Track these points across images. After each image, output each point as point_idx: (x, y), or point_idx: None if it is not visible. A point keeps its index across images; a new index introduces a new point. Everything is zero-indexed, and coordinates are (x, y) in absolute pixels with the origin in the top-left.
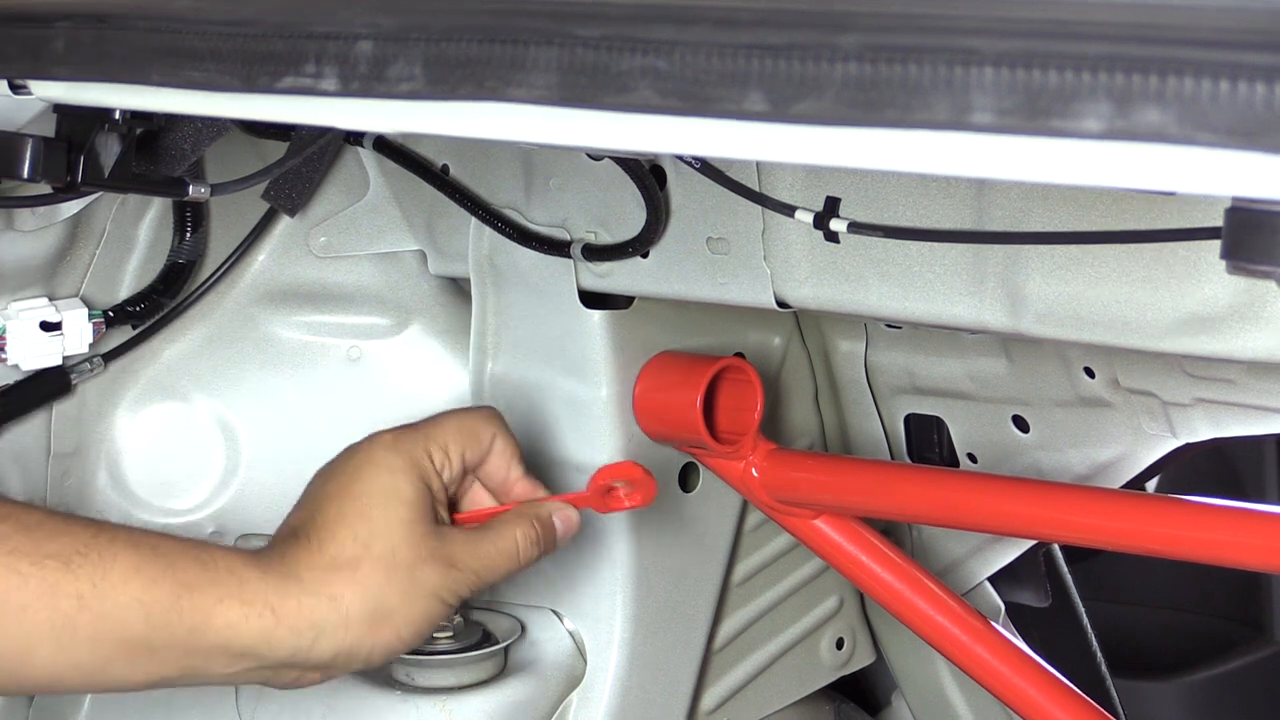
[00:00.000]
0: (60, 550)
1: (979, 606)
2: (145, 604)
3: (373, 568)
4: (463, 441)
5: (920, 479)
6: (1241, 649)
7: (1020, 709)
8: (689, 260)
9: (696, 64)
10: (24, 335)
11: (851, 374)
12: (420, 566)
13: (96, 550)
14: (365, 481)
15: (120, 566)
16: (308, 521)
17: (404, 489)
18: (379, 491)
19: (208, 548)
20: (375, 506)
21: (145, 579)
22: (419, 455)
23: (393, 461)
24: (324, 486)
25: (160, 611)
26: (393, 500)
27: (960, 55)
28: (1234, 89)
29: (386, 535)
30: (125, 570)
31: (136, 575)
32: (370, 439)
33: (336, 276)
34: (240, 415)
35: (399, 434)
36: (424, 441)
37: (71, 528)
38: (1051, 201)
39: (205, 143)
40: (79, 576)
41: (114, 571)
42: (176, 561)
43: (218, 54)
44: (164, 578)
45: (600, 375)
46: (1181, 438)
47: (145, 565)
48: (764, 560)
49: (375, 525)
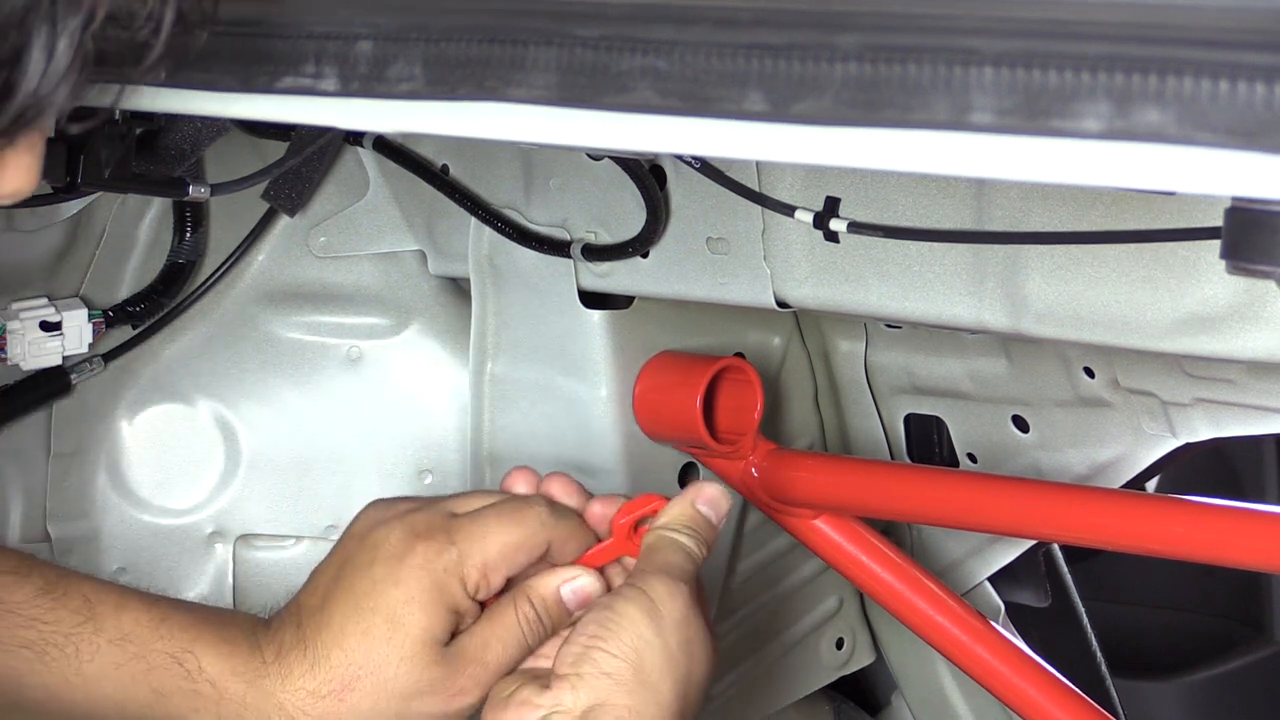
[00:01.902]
0: (37, 640)
1: (979, 606)
2: (118, 702)
3: (361, 698)
4: (506, 561)
5: (920, 479)
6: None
7: (1020, 709)
8: (689, 260)
9: (696, 64)
10: (24, 335)
11: (851, 374)
12: (417, 698)
13: (75, 643)
14: (379, 598)
15: (98, 664)
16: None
17: (418, 621)
18: (388, 615)
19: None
20: (379, 630)
21: (122, 679)
22: (448, 581)
23: (414, 588)
24: (341, 580)
25: (134, 710)
26: (400, 631)
27: (960, 55)
28: (1234, 89)
29: (384, 665)
30: (102, 669)
31: (113, 675)
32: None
33: (336, 276)
34: (240, 415)
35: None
36: (459, 563)
37: (57, 613)
38: (1051, 201)
39: (205, 143)
40: (51, 669)
41: (90, 668)
42: (158, 666)
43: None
44: (141, 681)
45: (600, 375)
46: (1181, 438)
47: (124, 665)
48: (764, 560)
49: (374, 652)
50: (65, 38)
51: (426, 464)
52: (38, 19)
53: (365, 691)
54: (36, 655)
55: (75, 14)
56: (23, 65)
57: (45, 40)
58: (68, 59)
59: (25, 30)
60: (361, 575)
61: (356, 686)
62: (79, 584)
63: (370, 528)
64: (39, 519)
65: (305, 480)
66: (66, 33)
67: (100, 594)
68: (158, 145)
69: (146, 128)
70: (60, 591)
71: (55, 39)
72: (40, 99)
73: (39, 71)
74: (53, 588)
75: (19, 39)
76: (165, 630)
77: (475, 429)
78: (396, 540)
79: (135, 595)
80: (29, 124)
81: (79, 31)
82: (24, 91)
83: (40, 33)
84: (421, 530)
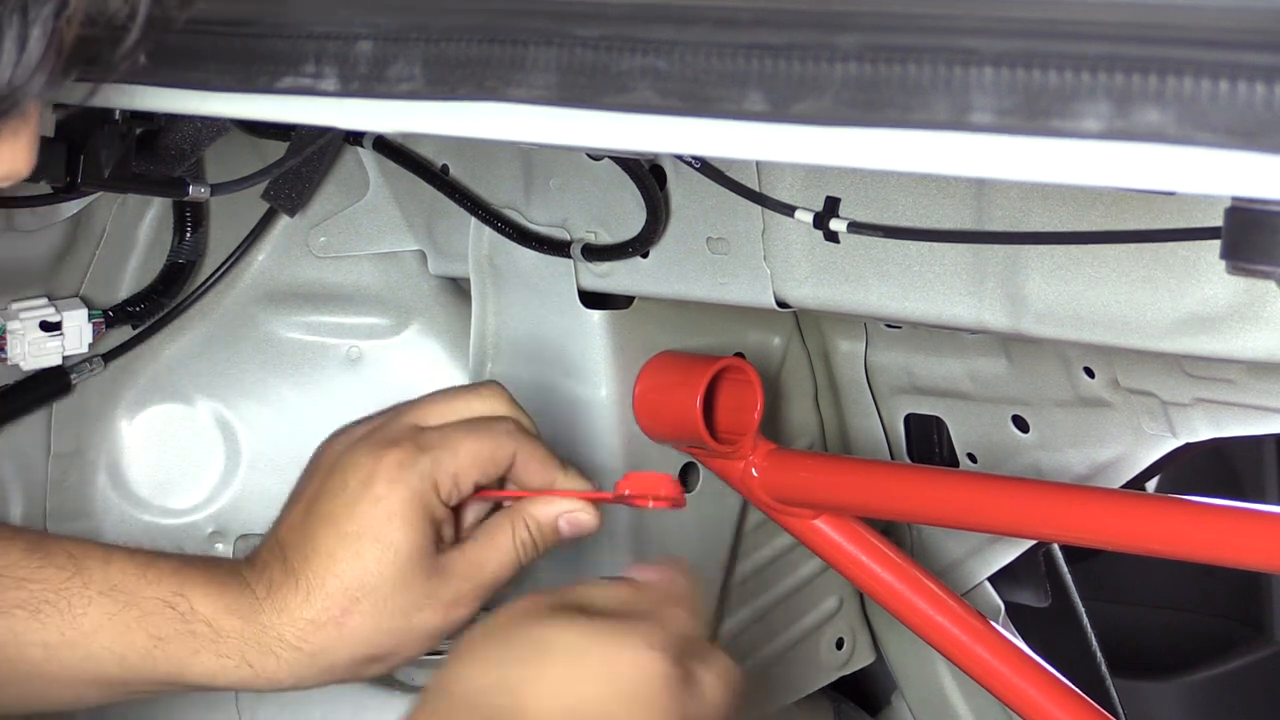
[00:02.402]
0: (29, 599)
1: (979, 606)
2: (117, 652)
3: (362, 619)
4: (477, 468)
5: (920, 479)
6: (1241, 649)
7: (1020, 709)
8: (689, 260)
9: (696, 64)
10: (24, 335)
11: (851, 374)
12: (416, 612)
13: (67, 598)
14: (361, 519)
15: (91, 616)
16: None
17: (404, 536)
18: (374, 535)
19: (188, 591)
20: (369, 550)
21: (117, 629)
22: (424, 489)
23: (394, 503)
24: (316, 509)
25: (135, 658)
26: (389, 547)
27: (960, 55)
28: (1234, 89)
29: (379, 584)
30: (96, 620)
31: (108, 624)
32: (374, 453)
33: (336, 276)
34: (240, 415)
35: (404, 456)
36: (431, 470)
37: (45, 571)
38: (1051, 201)
39: (205, 143)
40: (46, 626)
41: (84, 621)
42: (151, 612)
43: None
44: (137, 628)
45: (600, 375)
46: (1181, 438)
47: (118, 614)
48: (764, 560)
49: (368, 573)
50: (38, 26)
51: None
52: (8, 9)
53: (365, 613)
54: (30, 614)
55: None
56: None
57: (17, 30)
58: (41, 48)
59: None
60: (337, 500)
61: (355, 610)
62: (61, 543)
63: (337, 455)
64: (39, 519)
65: None
66: (39, 21)
67: (84, 550)
68: (158, 145)
69: (146, 128)
70: (44, 551)
71: (27, 29)
72: (15, 89)
73: (11, 62)
74: (35, 548)
75: None
76: (152, 575)
77: None
78: (364, 459)
79: (118, 549)
80: (5, 114)
81: (51, 19)
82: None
83: (11, 23)
84: (388, 444)
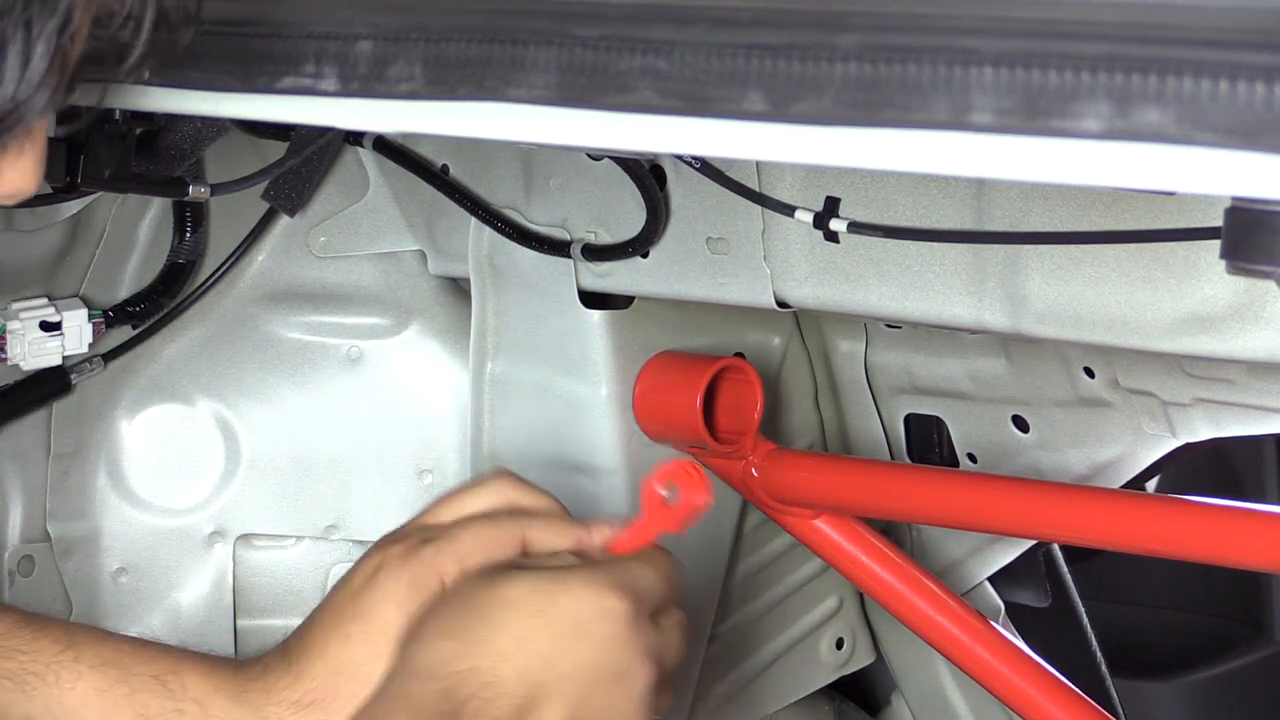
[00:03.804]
0: (16, 670)
1: (979, 606)
2: None
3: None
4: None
5: (920, 479)
6: (1241, 649)
7: (1020, 709)
8: (689, 260)
9: (696, 64)
10: (24, 335)
11: (851, 374)
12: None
13: (55, 672)
14: (357, 605)
15: (79, 691)
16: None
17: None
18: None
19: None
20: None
21: (104, 705)
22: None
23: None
24: (326, 601)
25: None
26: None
27: (960, 55)
28: (1234, 89)
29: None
30: (84, 695)
31: (95, 700)
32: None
33: (336, 276)
34: (240, 415)
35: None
36: (433, 556)
37: (39, 643)
38: (1051, 201)
39: (205, 143)
40: (33, 699)
41: (71, 696)
42: (140, 689)
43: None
44: (124, 705)
45: (600, 375)
46: (1181, 438)
47: (107, 690)
48: (764, 560)
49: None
50: (41, 43)
51: (426, 464)
52: (11, 25)
53: (348, 696)
54: (16, 685)
55: (50, 18)
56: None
57: (20, 47)
58: (44, 64)
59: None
60: (342, 593)
61: (339, 693)
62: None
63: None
64: (39, 519)
65: (305, 480)
66: (43, 38)
67: (82, 628)
68: (158, 145)
69: (146, 128)
70: (41, 623)
71: (31, 45)
72: (19, 105)
73: (15, 78)
74: (30, 620)
75: None
76: (147, 654)
77: (475, 429)
78: (373, 556)
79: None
80: (9, 130)
81: (55, 36)
82: (1, 98)
83: (15, 39)
84: (394, 541)
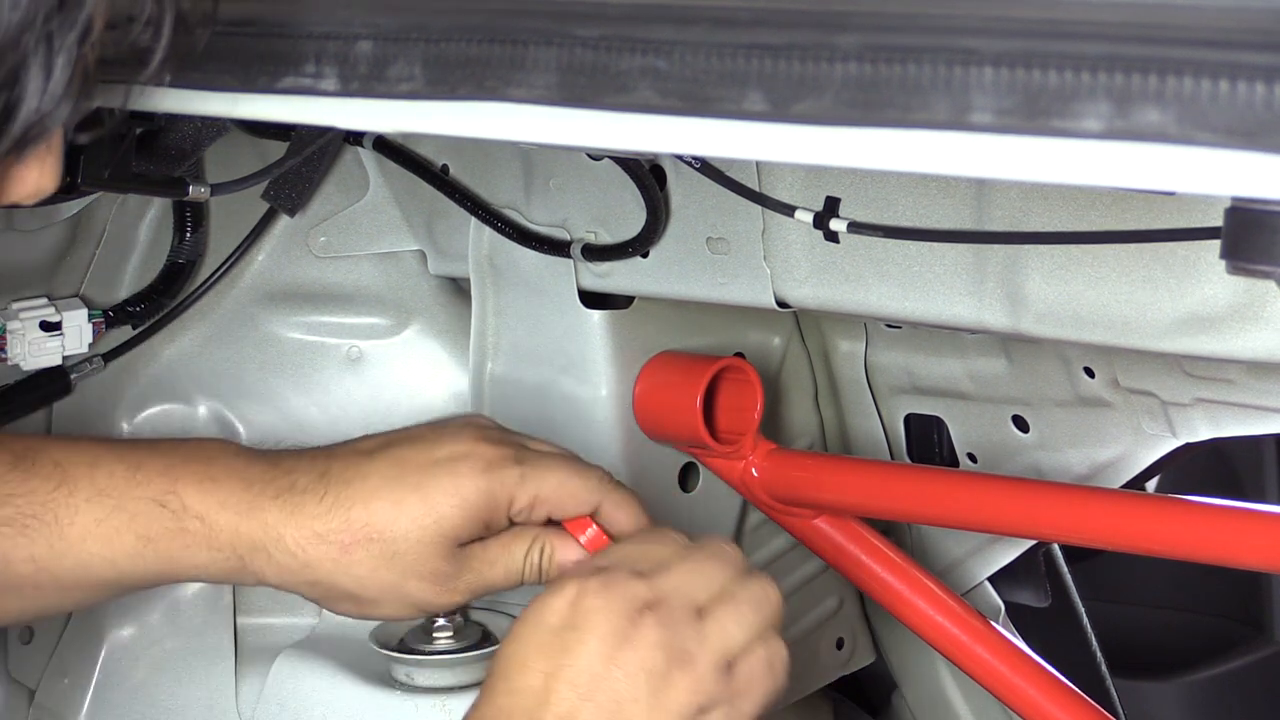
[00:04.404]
0: (14, 515)
1: (979, 606)
2: (107, 557)
3: (365, 557)
4: (556, 501)
5: (920, 479)
6: (1241, 649)
7: (1020, 709)
8: (689, 260)
9: (696, 64)
10: (24, 335)
11: (851, 374)
12: (415, 580)
13: (53, 509)
14: (428, 478)
15: (79, 525)
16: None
17: (452, 518)
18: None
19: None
20: (412, 505)
21: (105, 534)
22: (499, 495)
23: (467, 486)
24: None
25: (125, 559)
26: (432, 518)
27: (960, 55)
28: (1234, 89)
29: (399, 539)
30: (84, 528)
31: (96, 530)
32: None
33: (336, 276)
34: (240, 415)
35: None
36: (515, 483)
37: (30, 483)
38: (1051, 201)
39: (205, 143)
40: (34, 540)
41: (71, 531)
42: (140, 513)
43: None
44: (126, 530)
45: (600, 375)
46: (1181, 438)
47: (106, 519)
48: (764, 560)
49: (397, 523)
50: (63, 54)
51: None
52: (33, 38)
53: (370, 553)
54: (17, 530)
55: (71, 29)
56: (21, 86)
57: (43, 59)
58: (66, 75)
59: (21, 51)
60: (420, 451)
61: (365, 547)
62: (48, 450)
63: (450, 421)
64: None
65: None
66: (64, 49)
67: (71, 455)
68: (158, 145)
69: (146, 128)
70: (29, 461)
71: (53, 57)
72: (43, 116)
73: (39, 90)
74: (20, 459)
75: (15, 59)
76: (141, 477)
77: None
78: (467, 439)
79: (108, 449)
80: (34, 141)
81: (75, 46)
82: (25, 110)
83: (37, 52)
84: (496, 440)
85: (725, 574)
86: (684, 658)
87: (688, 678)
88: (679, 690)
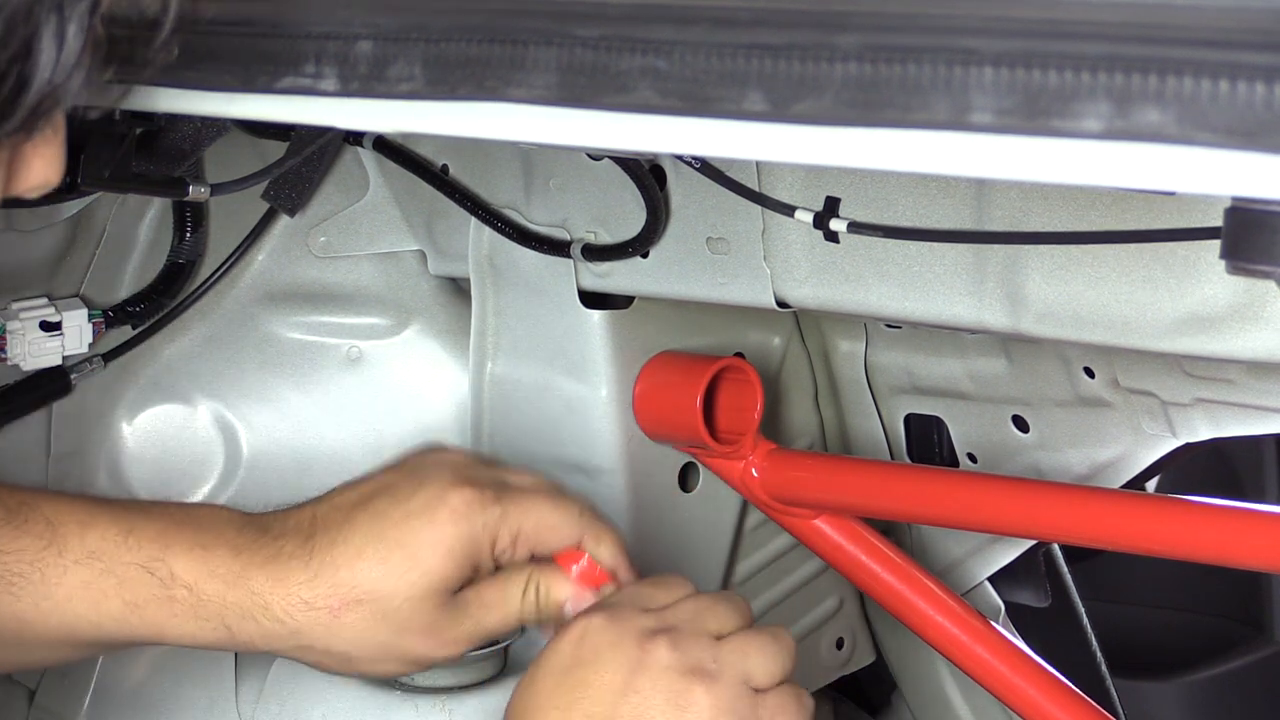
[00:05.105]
0: (2, 572)
1: (979, 606)
2: (93, 620)
3: (356, 620)
4: (537, 537)
5: (920, 479)
6: (1241, 649)
7: (1020, 709)
8: (689, 260)
9: (696, 64)
10: (24, 335)
11: (851, 374)
12: (410, 635)
13: (41, 568)
14: (408, 532)
15: (66, 586)
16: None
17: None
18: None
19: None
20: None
21: (92, 597)
22: (482, 536)
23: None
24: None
25: (111, 623)
26: (418, 570)
27: (960, 55)
28: (1234, 89)
29: (390, 597)
30: (71, 589)
31: (83, 593)
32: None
33: (336, 276)
34: (240, 415)
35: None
36: (497, 522)
37: (20, 540)
38: (1051, 201)
39: (205, 143)
40: (20, 598)
41: (58, 591)
42: (128, 579)
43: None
44: (113, 595)
45: (600, 375)
46: (1181, 438)
47: (94, 582)
48: (764, 560)
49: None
50: (74, 23)
51: None
52: (45, 8)
53: (361, 615)
54: (4, 587)
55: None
56: (34, 56)
57: (55, 29)
58: (79, 45)
59: (33, 21)
60: (397, 504)
61: (355, 609)
62: (41, 506)
63: (421, 463)
64: None
65: (305, 480)
66: (75, 18)
67: (63, 514)
68: (158, 145)
69: (146, 128)
70: (22, 518)
71: (64, 26)
72: (55, 88)
73: (51, 61)
74: (13, 515)
75: (28, 30)
76: (133, 542)
77: (475, 429)
78: (442, 482)
79: (102, 510)
80: (46, 114)
81: (87, 16)
82: (39, 81)
83: (49, 21)
84: (471, 479)
85: (738, 617)
86: (703, 672)
87: (710, 693)
88: (702, 707)
